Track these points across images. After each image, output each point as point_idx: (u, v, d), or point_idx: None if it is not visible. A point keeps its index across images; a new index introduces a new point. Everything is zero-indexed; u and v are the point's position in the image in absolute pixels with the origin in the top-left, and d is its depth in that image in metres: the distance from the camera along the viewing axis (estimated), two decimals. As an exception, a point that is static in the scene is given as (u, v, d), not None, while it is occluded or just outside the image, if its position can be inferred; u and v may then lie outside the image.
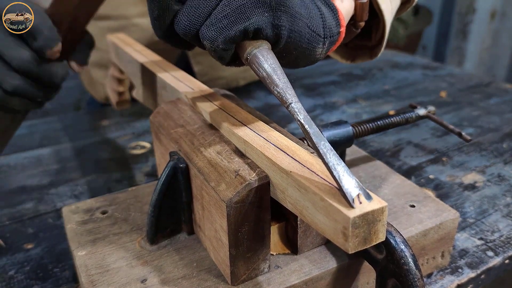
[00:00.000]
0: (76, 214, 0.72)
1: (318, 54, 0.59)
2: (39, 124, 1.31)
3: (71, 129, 1.27)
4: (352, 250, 0.42)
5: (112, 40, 1.02)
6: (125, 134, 1.22)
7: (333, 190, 0.44)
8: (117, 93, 1.09)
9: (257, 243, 0.56)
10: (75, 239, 0.67)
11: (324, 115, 1.30)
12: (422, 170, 1.01)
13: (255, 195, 0.53)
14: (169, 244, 0.66)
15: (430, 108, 0.80)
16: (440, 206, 0.71)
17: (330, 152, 0.45)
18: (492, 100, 1.38)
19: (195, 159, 0.59)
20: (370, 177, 0.79)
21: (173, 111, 0.71)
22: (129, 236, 0.67)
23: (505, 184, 0.95)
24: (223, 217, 0.53)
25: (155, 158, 0.87)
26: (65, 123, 1.31)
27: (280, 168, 0.50)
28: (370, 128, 0.75)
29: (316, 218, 0.45)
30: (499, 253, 0.76)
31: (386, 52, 1.89)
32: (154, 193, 0.62)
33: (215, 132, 0.63)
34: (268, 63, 0.52)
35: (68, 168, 1.06)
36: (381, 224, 0.42)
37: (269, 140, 0.55)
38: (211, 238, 0.60)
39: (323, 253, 0.62)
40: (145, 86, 0.87)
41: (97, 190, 0.97)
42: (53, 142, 1.20)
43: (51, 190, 0.97)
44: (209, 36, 0.51)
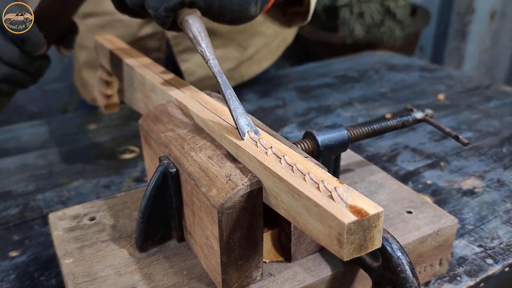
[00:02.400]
0: (63, 220, 0.72)
1: (253, 12, 0.72)
2: (25, 128, 1.31)
3: (58, 133, 1.27)
4: (347, 257, 0.42)
5: (99, 41, 1.02)
6: (113, 138, 1.22)
7: (328, 195, 0.44)
8: (105, 96, 1.08)
9: (249, 250, 0.57)
10: (62, 246, 0.67)
11: (319, 119, 1.31)
12: (420, 175, 1.02)
13: (247, 201, 0.53)
14: (158, 251, 0.66)
15: (428, 111, 0.80)
16: (438, 212, 0.71)
17: (233, 98, 0.60)
18: (492, 103, 1.38)
19: (186, 164, 0.60)
20: (366, 182, 0.79)
21: (162, 114, 0.71)
22: (117, 243, 0.67)
23: (505, 190, 0.96)
24: (214, 224, 0.53)
25: (144, 163, 0.87)
26: (52, 126, 1.31)
27: (272, 173, 0.50)
28: (366, 132, 0.76)
29: (310, 224, 0.45)
30: (499, 260, 0.77)
31: (383, 53, 1.90)
32: (143, 199, 0.63)
33: (206, 136, 0.63)
34: (195, 27, 0.66)
35: (55, 173, 1.06)
36: (377, 230, 0.43)
37: (262, 144, 0.55)
38: (202, 245, 0.60)
39: (317, 260, 0.63)
40: (134, 88, 0.87)
41: (85, 196, 0.97)
42: (40, 146, 1.19)
43: (38, 196, 0.97)
44: (152, 6, 0.66)
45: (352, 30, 3.09)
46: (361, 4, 3.10)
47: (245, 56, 1.42)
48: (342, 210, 0.42)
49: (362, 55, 1.88)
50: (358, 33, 3.07)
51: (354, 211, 0.42)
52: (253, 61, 1.46)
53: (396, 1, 3.10)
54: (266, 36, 1.46)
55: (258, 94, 1.48)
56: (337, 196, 0.44)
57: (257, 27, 1.41)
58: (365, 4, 3.09)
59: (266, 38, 1.46)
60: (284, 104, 1.40)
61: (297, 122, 1.28)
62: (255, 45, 1.44)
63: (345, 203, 0.43)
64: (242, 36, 1.39)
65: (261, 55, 1.47)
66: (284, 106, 1.39)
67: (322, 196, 0.44)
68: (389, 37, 3.09)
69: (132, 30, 1.27)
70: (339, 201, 0.43)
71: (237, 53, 1.41)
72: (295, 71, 1.73)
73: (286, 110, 1.36)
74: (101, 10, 1.27)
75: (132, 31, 1.27)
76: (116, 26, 1.27)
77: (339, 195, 0.44)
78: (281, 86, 1.55)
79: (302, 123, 1.28)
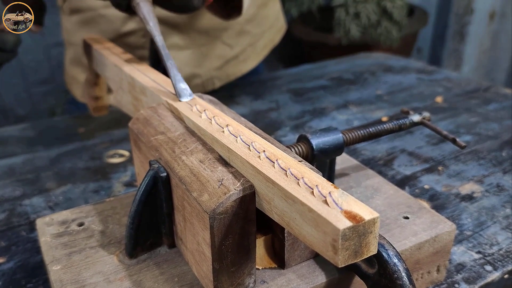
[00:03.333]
0: (51, 226, 0.72)
1: (195, 4, 0.87)
2: (12, 131, 1.31)
3: (45, 137, 1.26)
4: (342, 264, 0.42)
5: (87, 42, 1.02)
6: (102, 141, 1.22)
7: (322, 200, 0.44)
8: (94, 98, 1.09)
9: (242, 257, 0.57)
10: (50, 253, 0.67)
11: (313, 122, 1.31)
12: (417, 179, 1.02)
13: (240, 206, 0.53)
14: (149, 258, 0.66)
15: (425, 114, 0.80)
16: (435, 217, 0.71)
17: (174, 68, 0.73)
18: (491, 106, 1.38)
19: (177, 168, 0.60)
20: (362, 187, 0.80)
21: (153, 117, 0.71)
22: (106, 249, 0.67)
23: (504, 195, 0.96)
24: (206, 229, 0.53)
25: (134, 167, 0.87)
26: (39, 130, 1.31)
27: (266, 177, 0.50)
28: (362, 135, 0.76)
29: (304, 230, 0.45)
30: (498, 267, 0.77)
31: (379, 55, 1.90)
32: (133, 204, 0.63)
33: (197, 139, 0.63)
34: (145, 9, 0.80)
35: (42, 178, 1.06)
36: (373, 236, 0.43)
37: (255, 147, 0.55)
38: (193, 252, 0.60)
39: (312, 267, 0.63)
40: (123, 91, 0.87)
41: (73, 201, 0.96)
42: (27, 150, 1.19)
43: (25, 201, 0.97)
44: None
45: (347, 30, 3.09)
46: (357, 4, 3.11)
47: (231, 54, 1.44)
48: (337, 216, 0.42)
49: (358, 57, 1.89)
50: (353, 34, 3.08)
51: (349, 216, 0.42)
52: (239, 60, 1.47)
53: (393, 1, 3.11)
54: (252, 35, 1.47)
55: (251, 96, 1.48)
56: (331, 201, 0.44)
57: (243, 26, 1.43)
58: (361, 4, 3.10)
59: (252, 37, 1.48)
60: (277, 107, 1.41)
61: (291, 126, 1.28)
62: (241, 44, 1.45)
63: (340, 208, 0.43)
64: (227, 34, 1.41)
65: (247, 55, 1.49)
66: (277, 109, 1.39)
67: (316, 201, 0.44)
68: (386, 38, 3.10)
69: (116, 25, 1.29)
70: (334, 206, 0.43)
71: (222, 51, 1.42)
72: (289, 73, 1.73)
73: (280, 113, 1.36)
74: (85, 6, 1.30)
75: (116, 27, 1.29)
76: (99, 22, 1.29)
77: (334, 200, 0.44)
78: (275, 89, 1.55)
79: (296, 126, 1.28)
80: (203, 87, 1.43)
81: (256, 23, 1.46)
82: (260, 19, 1.47)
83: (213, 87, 1.45)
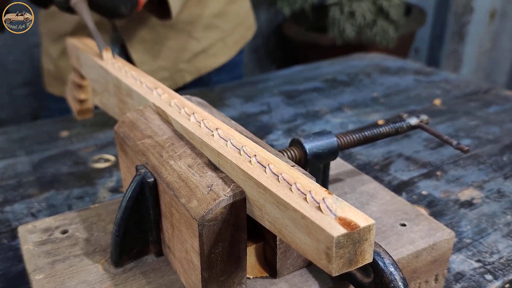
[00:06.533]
0: (34, 234, 0.72)
1: (124, 12, 1.01)
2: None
3: (27, 141, 1.26)
4: (336, 273, 0.42)
5: (72, 43, 1.02)
6: (87, 146, 1.22)
7: (316, 206, 0.44)
8: (78, 101, 1.08)
9: (232, 265, 0.57)
10: (32, 261, 0.67)
11: (306, 125, 1.31)
12: (414, 185, 1.02)
13: (230, 213, 0.53)
14: (135, 266, 0.66)
15: (423, 117, 0.80)
16: (433, 225, 0.71)
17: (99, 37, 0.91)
18: (491, 109, 1.39)
19: (164, 173, 0.60)
20: (357, 193, 0.80)
21: (139, 120, 0.71)
22: (91, 258, 0.67)
23: (505, 201, 0.96)
24: (194, 237, 0.54)
25: (120, 172, 0.87)
26: (21, 134, 1.31)
27: (257, 182, 0.50)
28: (357, 139, 0.76)
29: (297, 238, 0.45)
30: (499, 276, 0.77)
31: (375, 55, 1.90)
32: (119, 210, 0.63)
33: (186, 143, 0.63)
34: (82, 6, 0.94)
35: (24, 184, 1.05)
36: (368, 244, 0.43)
37: (246, 152, 0.56)
38: (181, 260, 0.60)
39: (305, 276, 0.63)
40: (109, 93, 0.87)
41: (56, 208, 0.96)
42: (8, 155, 1.19)
43: (6, 208, 0.97)
44: None
45: (342, 30, 3.10)
46: (352, 2, 3.11)
47: (199, 48, 1.50)
48: (330, 223, 0.42)
49: (353, 58, 1.89)
50: (348, 34, 3.08)
51: (343, 223, 0.42)
52: (209, 54, 1.53)
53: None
54: (222, 30, 1.54)
55: (242, 99, 1.49)
56: (325, 208, 0.44)
57: (210, 20, 1.49)
58: (356, 3, 3.11)
59: (222, 32, 1.54)
60: (269, 110, 1.41)
61: (283, 129, 1.29)
62: (209, 38, 1.52)
63: (334, 215, 0.43)
64: (194, 28, 1.47)
65: (217, 49, 1.55)
66: (269, 112, 1.39)
67: (309, 208, 0.44)
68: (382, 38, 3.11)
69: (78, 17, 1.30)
70: (328, 213, 0.43)
71: (189, 45, 1.48)
72: (281, 74, 1.73)
73: (272, 116, 1.37)
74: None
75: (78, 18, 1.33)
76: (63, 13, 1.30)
77: (328, 207, 0.44)
78: (266, 91, 1.55)
79: (288, 130, 1.28)
80: (173, 80, 1.50)
81: (225, 18, 1.53)
82: (229, 14, 1.54)
83: (184, 81, 1.52)
